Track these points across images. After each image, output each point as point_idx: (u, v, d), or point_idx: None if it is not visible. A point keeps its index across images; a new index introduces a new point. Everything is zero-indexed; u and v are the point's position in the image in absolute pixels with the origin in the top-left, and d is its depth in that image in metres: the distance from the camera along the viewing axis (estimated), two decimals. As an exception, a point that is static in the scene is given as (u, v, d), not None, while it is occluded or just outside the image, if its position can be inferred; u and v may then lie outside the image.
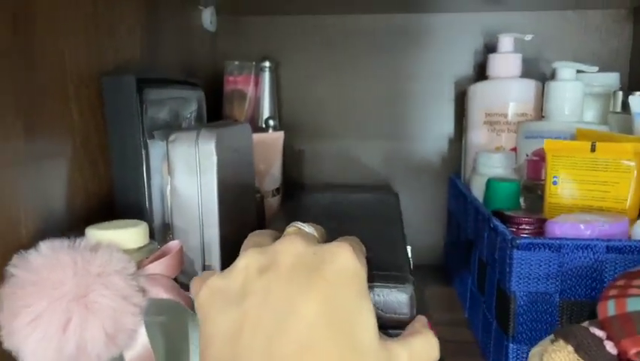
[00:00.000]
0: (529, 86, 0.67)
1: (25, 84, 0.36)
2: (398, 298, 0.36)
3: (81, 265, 0.33)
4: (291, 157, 0.79)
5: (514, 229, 0.48)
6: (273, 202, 0.67)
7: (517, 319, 0.44)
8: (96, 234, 0.37)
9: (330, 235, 0.39)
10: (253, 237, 0.34)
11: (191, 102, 0.56)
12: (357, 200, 0.66)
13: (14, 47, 0.35)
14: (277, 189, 0.68)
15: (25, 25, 0.36)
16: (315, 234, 0.33)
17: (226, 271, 0.29)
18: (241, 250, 0.32)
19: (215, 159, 0.45)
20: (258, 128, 0.71)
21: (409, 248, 0.47)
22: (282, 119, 0.79)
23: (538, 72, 0.73)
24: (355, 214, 0.59)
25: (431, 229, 0.80)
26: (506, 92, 0.67)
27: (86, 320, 0.32)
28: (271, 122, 0.71)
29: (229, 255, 0.46)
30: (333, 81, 0.79)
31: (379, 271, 0.37)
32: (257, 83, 0.74)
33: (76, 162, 0.42)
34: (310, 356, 0.24)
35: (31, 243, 0.33)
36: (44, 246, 0.33)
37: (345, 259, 0.27)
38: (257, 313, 0.26)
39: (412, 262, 0.45)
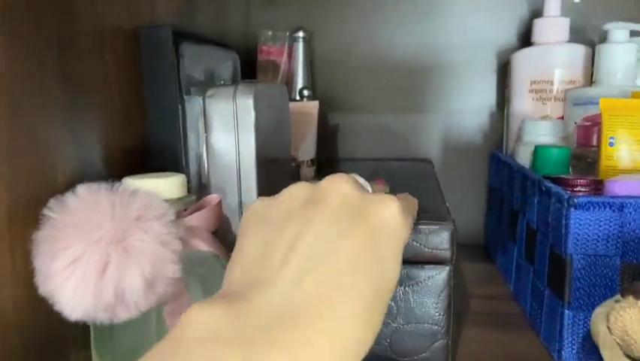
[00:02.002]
0: (578, 51, 0.63)
1: (62, 34, 0.35)
2: (440, 234, 0.39)
3: (119, 208, 0.31)
4: (325, 131, 0.77)
5: (568, 192, 0.45)
6: (308, 173, 0.65)
7: (573, 284, 0.41)
8: (133, 182, 0.35)
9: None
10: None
11: (227, 63, 0.54)
12: (392, 166, 0.68)
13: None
14: (312, 160, 0.66)
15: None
16: (369, 188, 0.31)
17: (272, 197, 0.28)
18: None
19: (253, 115, 0.43)
20: (291, 100, 0.69)
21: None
22: (315, 92, 0.76)
23: (585, 41, 0.69)
24: (391, 176, 0.58)
25: (470, 207, 0.77)
26: (553, 58, 0.64)
27: (124, 264, 0.30)
28: (305, 93, 0.69)
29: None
30: (368, 53, 0.77)
31: (422, 211, 0.39)
32: (290, 54, 0.73)
33: (113, 115, 0.41)
34: (345, 292, 0.22)
35: (67, 190, 0.32)
36: (81, 188, 0.32)
37: (393, 212, 0.26)
38: (293, 242, 0.24)
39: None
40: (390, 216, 0.26)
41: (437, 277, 0.40)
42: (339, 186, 0.27)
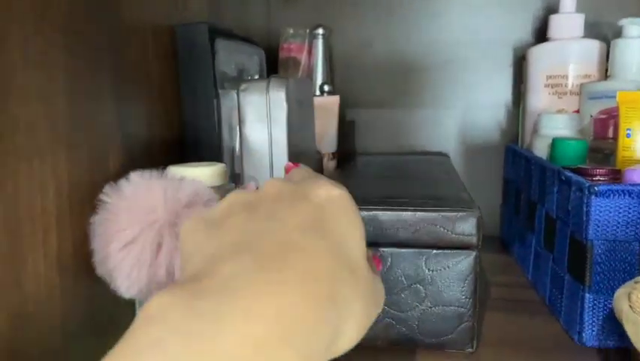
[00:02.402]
0: (593, 46, 0.65)
1: (111, 31, 0.37)
2: (467, 221, 0.41)
3: (171, 193, 0.33)
4: (343, 127, 0.79)
5: (588, 181, 0.47)
6: (330, 165, 0.67)
7: (594, 268, 0.43)
8: (178, 170, 0.37)
9: (391, 185, 0.51)
10: None
11: (254, 59, 0.56)
12: (410, 159, 0.70)
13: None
14: (333, 154, 0.68)
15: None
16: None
17: (207, 210, 0.28)
18: None
19: (285, 107, 0.45)
20: (312, 95, 0.71)
21: None
22: (334, 88, 0.78)
23: (599, 36, 0.71)
24: (412, 168, 0.61)
25: (486, 200, 0.78)
26: (568, 53, 0.66)
27: (175, 247, 0.32)
28: (326, 88, 0.71)
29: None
30: (385, 49, 0.79)
31: (447, 200, 0.44)
32: (310, 51, 0.75)
33: (154, 108, 0.43)
34: (295, 255, 0.22)
35: (117, 178, 0.34)
36: (135, 175, 0.34)
37: (329, 187, 0.26)
38: (238, 231, 0.24)
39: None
40: (328, 189, 0.26)
41: (464, 261, 0.42)
42: (273, 182, 0.27)
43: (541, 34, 0.72)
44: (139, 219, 0.32)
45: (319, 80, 0.73)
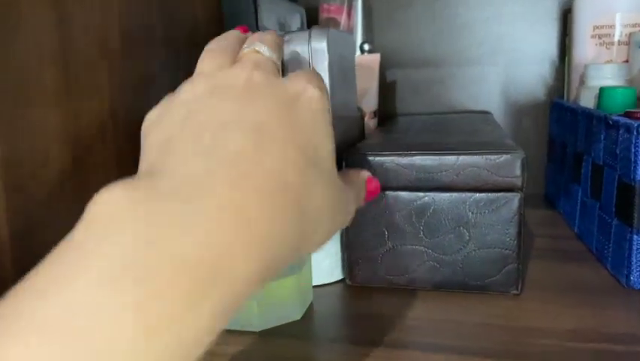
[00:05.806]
0: (643, -7, 0.63)
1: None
2: (511, 161, 0.41)
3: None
4: (384, 86, 0.79)
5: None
6: (371, 124, 0.67)
7: (643, 209, 0.42)
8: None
9: (434, 136, 0.51)
10: (213, 43, 0.30)
11: (295, 16, 0.57)
12: (453, 117, 0.71)
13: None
14: (374, 112, 0.69)
15: None
16: (275, 57, 0.28)
17: (167, 98, 0.26)
18: (199, 60, 0.29)
19: (327, 56, 0.46)
20: (352, 55, 0.72)
21: None
22: (374, 49, 0.78)
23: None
24: (455, 124, 0.61)
25: (531, 159, 0.78)
26: (616, 2, 0.63)
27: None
28: (366, 47, 0.71)
29: (339, 158, 0.47)
30: (425, 8, 0.78)
31: (491, 145, 0.44)
32: (350, 12, 0.75)
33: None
34: (262, 147, 0.20)
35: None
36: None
37: (306, 84, 0.25)
38: (198, 114, 0.22)
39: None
40: (303, 88, 0.25)
41: (508, 203, 0.42)
42: (244, 72, 0.24)
43: (587, -15, 0.70)
44: None
45: (359, 39, 0.74)
